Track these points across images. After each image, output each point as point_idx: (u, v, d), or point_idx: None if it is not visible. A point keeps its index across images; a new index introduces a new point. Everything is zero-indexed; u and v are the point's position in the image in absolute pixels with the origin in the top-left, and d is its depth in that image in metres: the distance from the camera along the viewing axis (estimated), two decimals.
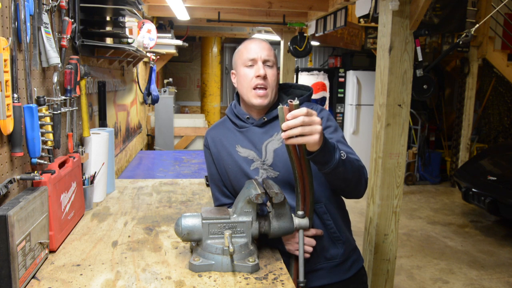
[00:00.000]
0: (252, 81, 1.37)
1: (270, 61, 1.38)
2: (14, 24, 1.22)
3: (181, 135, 4.78)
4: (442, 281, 3.39)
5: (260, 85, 1.36)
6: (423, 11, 2.22)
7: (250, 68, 1.39)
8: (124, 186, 2.18)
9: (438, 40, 5.92)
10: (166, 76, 7.30)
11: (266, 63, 1.38)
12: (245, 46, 1.42)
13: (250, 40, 1.44)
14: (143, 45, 3.06)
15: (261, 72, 1.36)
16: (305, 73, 6.85)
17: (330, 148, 1.16)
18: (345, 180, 1.26)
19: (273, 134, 1.40)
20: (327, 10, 3.70)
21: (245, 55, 1.39)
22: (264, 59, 1.38)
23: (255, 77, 1.37)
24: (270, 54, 1.39)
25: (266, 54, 1.38)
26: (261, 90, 1.37)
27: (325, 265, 1.41)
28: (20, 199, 1.13)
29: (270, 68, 1.39)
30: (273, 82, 1.39)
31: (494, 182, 4.29)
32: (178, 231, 1.22)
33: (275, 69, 1.40)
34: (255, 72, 1.37)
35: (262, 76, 1.36)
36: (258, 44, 1.40)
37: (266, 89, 1.37)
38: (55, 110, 1.45)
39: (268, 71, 1.38)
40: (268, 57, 1.38)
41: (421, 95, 2.57)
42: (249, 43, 1.41)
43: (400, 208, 2.47)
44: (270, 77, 1.38)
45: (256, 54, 1.37)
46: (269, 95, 1.38)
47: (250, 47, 1.40)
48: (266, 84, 1.37)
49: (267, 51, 1.38)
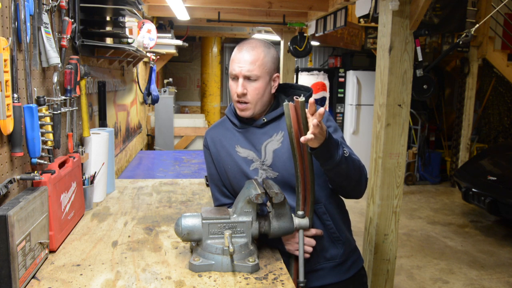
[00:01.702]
0: (234, 95, 1.37)
1: (252, 76, 1.33)
2: (14, 24, 1.22)
3: (181, 135, 4.78)
4: (442, 281, 3.39)
5: (240, 101, 1.36)
6: (423, 11, 2.22)
7: (234, 82, 1.37)
8: (124, 186, 2.18)
9: (438, 40, 5.92)
10: (166, 76, 7.30)
11: (248, 78, 1.34)
12: (234, 55, 1.38)
13: (241, 46, 1.38)
14: (143, 45, 3.06)
15: (239, 90, 1.34)
16: (305, 73, 6.85)
17: (334, 144, 1.17)
18: (347, 177, 1.27)
19: (273, 135, 1.40)
20: (327, 10, 3.70)
21: (231, 66, 1.38)
22: (244, 75, 1.33)
23: (235, 93, 1.36)
24: (254, 68, 1.32)
25: (248, 69, 1.32)
26: (242, 104, 1.37)
27: (325, 265, 1.41)
28: (20, 199, 1.13)
29: (254, 81, 1.35)
30: (255, 96, 1.35)
31: (494, 182, 4.29)
32: (178, 231, 1.22)
33: (260, 82, 1.35)
34: (236, 88, 1.36)
35: (239, 94, 1.35)
36: (245, 54, 1.34)
37: (247, 103, 1.36)
38: (55, 110, 1.45)
39: (250, 86, 1.35)
40: (249, 72, 1.32)
41: (421, 95, 2.57)
42: (237, 53, 1.36)
43: (400, 208, 2.47)
44: (252, 92, 1.35)
45: (238, 69, 1.34)
46: (250, 108, 1.37)
47: (235, 58, 1.36)
48: (246, 100, 1.36)
49: (250, 65, 1.32)
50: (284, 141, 1.38)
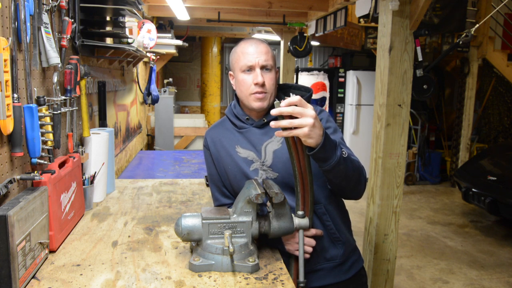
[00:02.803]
0: (251, 88, 1.35)
1: (268, 65, 1.35)
2: (14, 24, 1.22)
3: (181, 135, 4.78)
4: (442, 281, 3.39)
5: (259, 91, 1.35)
6: (423, 11, 2.22)
7: (248, 74, 1.36)
8: (124, 186, 2.18)
9: (438, 40, 5.92)
10: (166, 76, 7.30)
11: (264, 68, 1.35)
12: (242, 50, 1.37)
13: (246, 41, 1.39)
14: (143, 45, 3.06)
15: (259, 79, 1.33)
16: (305, 73, 6.85)
17: (331, 145, 1.16)
18: (345, 178, 1.26)
19: (273, 135, 1.40)
20: (327, 10, 3.70)
21: (242, 60, 1.36)
22: (262, 65, 1.34)
23: (253, 84, 1.34)
24: (268, 57, 1.35)
25: (264, 59, 1.34)
26: (261, 94, 1.36)
27: (325, 266, 1.41)
28: (20, 199, 1.13)
29: (269, 71, 1.36)
30: (271, 86, 1.36)
31: (494, 182, 4.29)
32: (178, 231, 1.22)
33: (273, 72, 1.37)
34: (253, 79, 1.34)
35: (260, 83, 1.34)
36: (256, 47, 1.35)
37: (265, 93, 1.36)
38: (55, 110, 1.45)
39: (267, 76, 1.35)
40: (266, 62, 1.34)
41: (421, 95, 2.57)
42: (246, 46, 1.36)
43: (400, 208, 2.47)
44: (268, 82, 1.35)
45: (254, 60, 1.33)
46: (268, 98, 1.37)
47: (248, 51, 1.35)
48: (265, 90, 1.35)
49: (264, 55, 1.34)
50: (284, 142, 1.38)
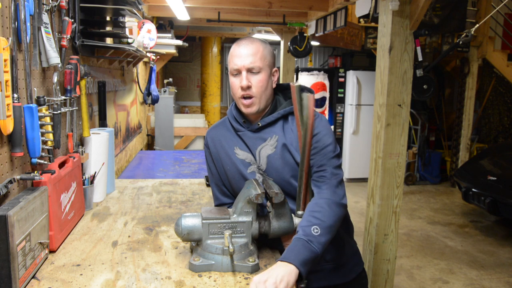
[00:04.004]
0: (238, 91, 1.35)
1: (255, 68, 1.32)
2: (14, 24, 1.22)
3: (181, 135, 4.78)
4: (442, 281, 3.39)
5: (245, 95, 1.34)
6: (423, 11, 2.22)
7: (236, 77, 1.35)
8: (124, 186, 2.18)
9: (438, 40, 5.91)
10: (166, 76, 7.30)
11: (251, 71, 1.33)
12: (232, 52, 1.37)
13: (238, 43, 1.37)
14: (143, 45, 3.06)
15: (243, 83, 1.32)
16: (305, 73, 6.84)
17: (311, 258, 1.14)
18: (333, 233, 1.24)
19: (267, 139, 1.38)
20: (327, 10, 3.70)
21: (230, 63, 1.36)
22: (247, 68, 1.32)
23: (240, 87, 1.34)
24: (256, 59, 1.32)
25: (250, 61, 1.31)
26: (247, 100, 1.35)
27: (325, 267, 1.41)
28: (20, 199, 1.13)
29: (257, 74, 1.34)
30: (259, 89, 1.34)
31: (494, 182, 4.29)
32: (178, 231, 1.22)
33: (263, 74, 1.34)
34: (239, 82, 1.34)
35: (244, 87, 1.33)
36: (244, 49, 1.33)
37: (252, 97, 1.35)
38: (55, 110, 1.45)
39: (254, 79, 1.33)
40: (252, 64, 1.32)
41: (421, 95, 2.57)
42: (236, 48, 1.36)
43: (400, 208, 2.47)
44: (256, 85, 1.33)
45: (240, 63, 1.32)
46: (256, 103, 1.35)
47: (236, 53, 1.34)
48: (251, 93, 1.34)
49: (251, 57, 1.32)
50: (277, 146, 1.36)
